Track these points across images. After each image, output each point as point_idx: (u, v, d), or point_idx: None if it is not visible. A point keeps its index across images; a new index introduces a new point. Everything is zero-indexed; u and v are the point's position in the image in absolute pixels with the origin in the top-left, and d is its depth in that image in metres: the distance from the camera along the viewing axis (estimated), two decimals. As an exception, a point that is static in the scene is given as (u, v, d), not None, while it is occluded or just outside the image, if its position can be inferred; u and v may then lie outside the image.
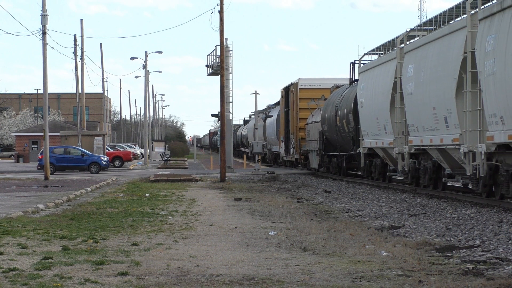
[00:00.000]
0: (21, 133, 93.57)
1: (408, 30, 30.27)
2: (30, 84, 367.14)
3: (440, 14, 27.02)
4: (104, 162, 58.66)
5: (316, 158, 48.74)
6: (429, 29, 28.94)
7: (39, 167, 55.51)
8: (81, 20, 69.69)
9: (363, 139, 36.26)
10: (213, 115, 76.37)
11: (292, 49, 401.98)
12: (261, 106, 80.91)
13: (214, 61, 55.97)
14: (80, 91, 68.62)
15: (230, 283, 11.44)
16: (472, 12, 23.17)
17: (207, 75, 59.56)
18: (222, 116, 46.75)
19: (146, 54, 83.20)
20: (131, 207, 25.08)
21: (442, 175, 26.97)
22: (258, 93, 76.91)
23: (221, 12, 44.50)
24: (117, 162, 71.60)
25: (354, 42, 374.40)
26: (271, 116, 68.76)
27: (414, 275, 11.96)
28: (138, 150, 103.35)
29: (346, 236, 16.96)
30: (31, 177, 48.87)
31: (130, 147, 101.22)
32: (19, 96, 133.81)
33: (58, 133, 75.05)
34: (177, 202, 27.57)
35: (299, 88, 53.16)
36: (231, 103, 53.26)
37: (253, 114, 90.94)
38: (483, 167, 22.23)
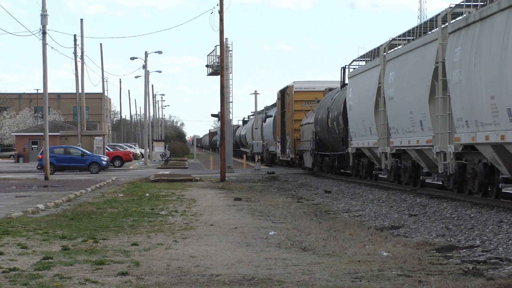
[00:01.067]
0: (21, 133, 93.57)
1: (391, 39, 32.79)
2: (30, 84, 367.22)
3: (417, 26, 29.50)
4: (104, 162, 58.67)
5: (310, 157, 51.07)
6: (408, 38, 31.27)
7: (39, 167, 55.52)
8: (81, 20, 69.77)
9: (351, 140, 38.65)
10: (213, 115, 76.32)
11: (291, 49, 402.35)
12: (261, 106, 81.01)
13: (214, 61, 55.99)
14: (80, 91, 68.63)
15: (230, 283, 11.44)
16: (443, 26, 25.36)
17: (207, 75, 59.57)
18: (222, 116, 46.76)
19: (146, 54, 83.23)
20: (131, 207, 25.08)
21: (420, 173, 29.32)
22: (258, 93, 76.87)
23: (221, 12, 44.51)
24: (117, 162, 71.61)
25: (354, 42, 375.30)
26: (270, 116, 68.84)
27: (414, 275, 11.96)
28: (138, 150, 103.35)
29: (346, 236, 16.96)
30: (31, 177, 48.88)
31: (130, 147, 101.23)
32: (19, 96, 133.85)
33: (58, 133, 75.07)
34: (177, 202, 27.58)
35: (294, 91, 55.46)
36: (231, 103, 53.30)
37: (251, 115, 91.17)
38: (452, 166, 24.64)
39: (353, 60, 40.31)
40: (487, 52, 21.22)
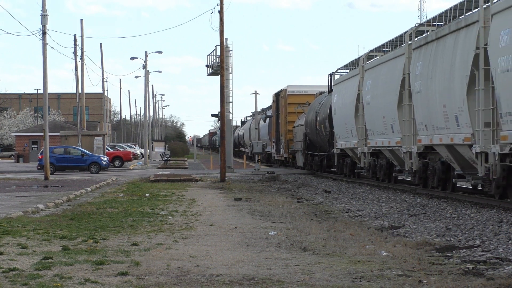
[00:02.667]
0: (21, 133, 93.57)
1: (369, 51, 36.50)
2: (30, 84, 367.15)
3: (392, 40, 33.33)
4: (104, 162, 58.67)
5: (301, 157, 55.03)
6: (384, 50, 35.03)
7: (39, 167, 55.51)
8: (81, 20, 69.76)
9: (336, 141, 42.23)
10: (213, 115, 76.42)
11: (291, 49, 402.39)
12: (261, 106, 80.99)
13: (214, 61, 55.98)
14: (80, 91, 68.63)
15: (230, 283, 11.44)
16: (409, 42, 28.89)
17: (207, 75, 59.56)
18: (222, 116, 46.76)
19: (146, 54, 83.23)
20: (131, 207, 25.08)
21: (393, 170, 33.08)
22: (258, 93, 76.86)
23: (221, 12, 44.50)
24: (117, 162, 71.60)
25: (353, 42, 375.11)
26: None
27: (414, 275, 11.96)
28: (138, 150, 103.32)
29: (346, 236, 16.96)
30: (31, 177, 48.88)
31: (130, 147, 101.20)
32: (19, 96, 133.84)
33: (58, 133, 75.06)
34: (177, 202, 27.58)
35: (288, 94, 58.83)
36: (231, 103, 53.30)
37: (249, 116, 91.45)
38: (416, 164, 28.59)
39: (338, 69, 44.11)
40: (440, 67, 25.12)
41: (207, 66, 58.49)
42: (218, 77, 46.78)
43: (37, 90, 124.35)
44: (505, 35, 20.01)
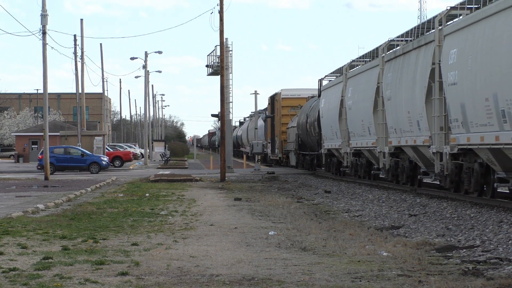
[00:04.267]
0: (21, 133, 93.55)
1: (351, 61, 40.07)
2: (30, 84, 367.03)
3: (370, 51, 36.50)
4: (104, 162, 58.66)
5: (294, 156, 59.17)
6: (365, 60, 38.30)
7: (39, 167, 55.51)
8: (81, 20, 69.77)
9: (323, 142, 45.94)
10: (213, 115, 76.49)
11: (291, 49, 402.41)
12: (261, 106, 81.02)
13: (214, 61, 55.97)
14: (80, 91, 68.62)
15: (230, 283, 11.44)
16: (383, 55, 32.70)
17: (207, 75, 59.54)
18: (222, 116, 46.75)
19: (146, 54, 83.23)
20: (131, 207, 25.08)
21: (372, 168, 36.56)
22: (258, 93, 76.78)
23: (221, 12, 44.50)
24: (117, 162, 71.59)
25: (352, 42, 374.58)
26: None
27: (414, 275, 11.96)
28: (138, 150, 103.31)
29: (346, 236, 16.96)
30: (31, 177, 48.88)
31: (130, 147, 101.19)
32: (19, 96, 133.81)
33: (58, 133, 75.05)
34: (177, 202, 27.58)
35: (282, 98, 62.63)
36: (231, 103, 53.29)
37: (247, 117, 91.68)
38: (389, 162, 32.51)
39: (326, 75, 47.52)
40: (406, 78, 29.03)
41: (207, 66, 58.47)
42: (218, 77, 46.77)
43: (37, 90, 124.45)
44: (453, 54, 23.85)
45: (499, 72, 20.43)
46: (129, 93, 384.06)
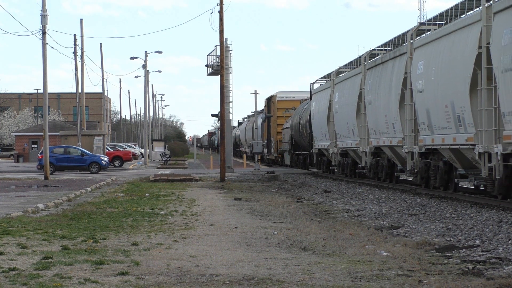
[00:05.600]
0: (21, 133, 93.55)
1: (338, 68, 43.43)
2: (30, 84, 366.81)
3: (355, 59, 39.84)
4: (104, 162, 58.65)
5: (288, 156, 62.60)
6: (351, 67, 41.48)
7: (39, 167, 55.50)
8: (81, 20, 69.77)
9: (314, 143, 49.26)
10: (213, 115, 76.45)
11: (290, 49, 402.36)
12: (260, 106, 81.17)
13: (214, 61, 55.97)
14: (80, 91, 68.62)
15: (230, 283, 11.44)
16: (365, 63, 36.10)
17: (207, 75, 59.54)
18: (222, 116, 46.74)
19: (146, 54, 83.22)
20: (131, 207, 25.08)
21: (357, 167, 39.40)
22: (258, 93, 76.74)
23: (221, 12, 44.49)
24: (117, 162, 71.58)
25: (352, 42, 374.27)
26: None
27: (414, 275, 11.95)
28: (138, 150, 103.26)
29: (346, 236, 16.96)
30: (31, 177, 48.87)
31: (130, 147, 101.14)
32: (19, 96, 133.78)
33: (58, 133, 75.03)
34: (177, 202, 27.58)
35: (277, 100, 66.10)
36: (231, 103, 53.28)
37: (245, 117, 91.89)
38: (370, 161, 35.65)
39: (316, 80, 50.54)
40: (383, 85, 32.31)
41: (207, 66, 58.46)
42: (218, 77, 46.76)
43: (37, 90, 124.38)
44: (421, 65, 27.30)
45: (455, 82, 23.87)
46: (129, 93, 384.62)
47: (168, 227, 19.05)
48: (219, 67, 46.87)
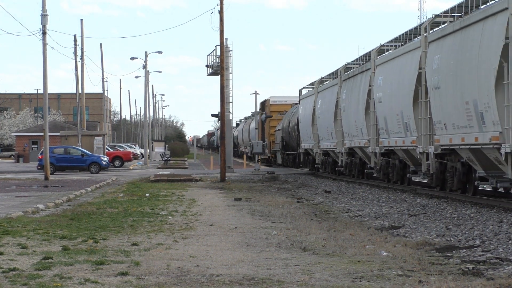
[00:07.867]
0: (21, 133, 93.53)
1: (321, 78, 48.42)
2: (30, 84, 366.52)
3: (336, 70, 43.42)
4: (104, 162, 58.65)
5: (279, 155, 67.85)
6: (332, 77, 46.06)
7: (39, 167, 55.50)
8: (81, 20, 69.78)
9: (301, 143, 53.69)
10: (213, 115, 76.53)
11: (290, 49, 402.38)
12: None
13: (214, 61, 55.95)
14: (80, 91, 68.63)
15: (230, 283, 11.44)
16: (340, 75, 41.25)
17: (207, 75, 59.49)
18: (222, 116, 46.75)
19: (146, 54, 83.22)
20: (131, 207, 25.08)
21: (336, 165, 43.52)
22: (258, 93, 76.81)
23: (221, 12, 44.49)
24: (117, 162, 71.57)
25: (351, 41, 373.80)
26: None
27: (414, 275, 11.96)
28: (138, 150, 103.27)
29: (346, 236, 16.96)
30: (31, 177, 48.87)
31: (130, 147, 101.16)
32: (19, 96, 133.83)
33: (58, 133, 75.04)
34: (177, 202, 27.58)
35: (271, 104, 71.44)
36: (231, 103, 53.30)
37: (242, 119, 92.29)
38: (345, 160, 40.99)
39: (304, 87, 54.67)
40: (354, 95, 37.34)
41: (207, 66, 58.44)
42: (218, 77, 46.77)
43: (37, 90, 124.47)
44: (380, 80, 32.36)
45: (403, 95, 28.96)
46: (129, 93, 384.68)
47: (168, 227, 19.05)
48: (219, 67, 46.87)
